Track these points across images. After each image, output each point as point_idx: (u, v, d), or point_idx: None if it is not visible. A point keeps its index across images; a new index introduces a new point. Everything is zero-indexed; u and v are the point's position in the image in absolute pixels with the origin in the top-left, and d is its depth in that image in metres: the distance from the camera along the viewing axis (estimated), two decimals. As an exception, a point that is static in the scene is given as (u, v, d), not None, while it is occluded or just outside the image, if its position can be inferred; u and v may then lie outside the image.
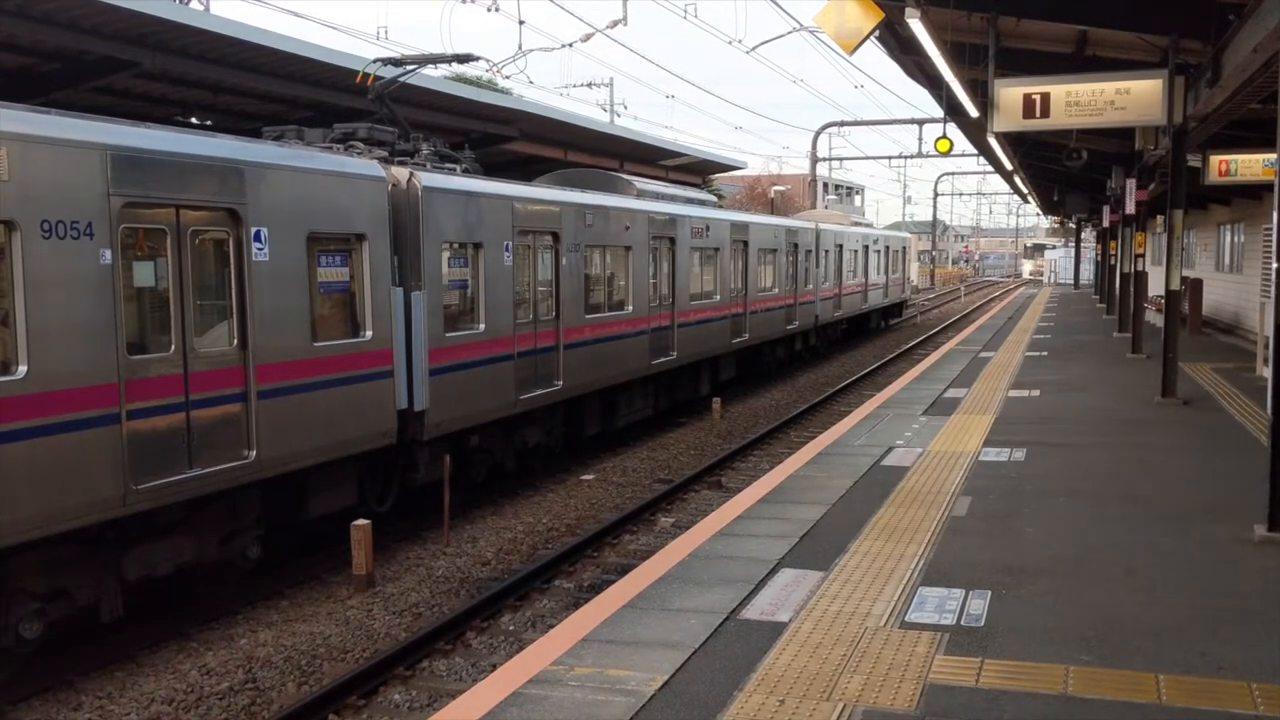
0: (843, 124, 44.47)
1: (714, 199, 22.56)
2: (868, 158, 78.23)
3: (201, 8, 15.15)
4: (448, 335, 10.91)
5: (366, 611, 8.89)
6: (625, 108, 55.02)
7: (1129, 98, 11.42)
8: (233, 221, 8.37)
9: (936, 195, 75.77)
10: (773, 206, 46.52)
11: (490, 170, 13.36)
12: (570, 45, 21.14)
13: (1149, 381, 13.72)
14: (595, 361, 14.23)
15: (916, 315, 43.44)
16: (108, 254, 7.30)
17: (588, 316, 13.98)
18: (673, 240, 16.93)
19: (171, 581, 8.60)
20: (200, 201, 8.05)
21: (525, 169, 19.42)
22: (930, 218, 79.62)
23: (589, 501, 12.75)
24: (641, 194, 16.74)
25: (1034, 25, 12.26)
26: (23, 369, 6.79)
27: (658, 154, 23.70)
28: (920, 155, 41.82)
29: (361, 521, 9.39)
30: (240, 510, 8.89)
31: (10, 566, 7.04)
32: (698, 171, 28.16)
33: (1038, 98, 11.60)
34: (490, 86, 23.53)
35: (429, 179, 10.73)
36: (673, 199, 18.17)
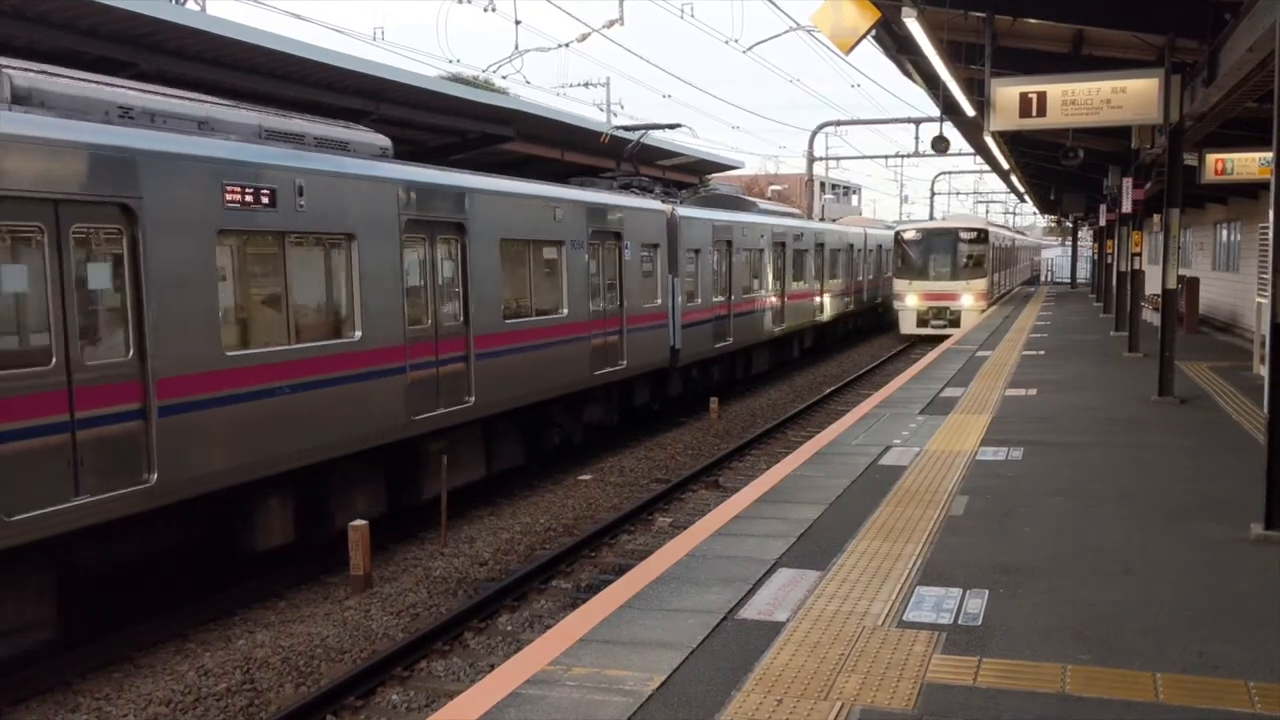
0: (839, 123, 44.25)
1: (798, 210, 30.96)
2: (865, 157, 78.07)
3: (198, 9, 15.13)
4: (687, 305, 17.98)
5: (364, 612, 8.89)
6: (622, 107, 55.00)
7: (1125, 97, 11.44)
8: (617, 239, 15.50)
9: (934, 194, 75.75)
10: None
11: (487, 169, 13.44)
12: (567, 45, 21.17)
13: (1146, 380, 13.73)
14: (747, 326, 21.36)
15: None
16: (494, 256, 12.55)
17: (743, 295, 20.99)
18: (783, 245, 23.90)
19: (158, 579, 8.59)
20: (612, 231, 15.25)
21: (522, 169, 19.39)
22: (927, 217, 79.47)
23: (587, 501, 12.76)
24: (763, 211, 24.17)
25: (1030, 24, 12.27)
26: (358, 334, 9.98)
27: (655, 153, 23.65)
28: (917, 154, 41.59)
29: (359, 522, 9.39)
30: (613, 399, 16.18)
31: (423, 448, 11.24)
32: (695, 171, 28.12)
33: (1034, 97, 11.61)
34: (487, 87, 23.51)
35: (682, 210, 18.08)
36: (778, 214, 25.83)
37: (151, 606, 8.40)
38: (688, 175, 27.49)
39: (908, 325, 30.97)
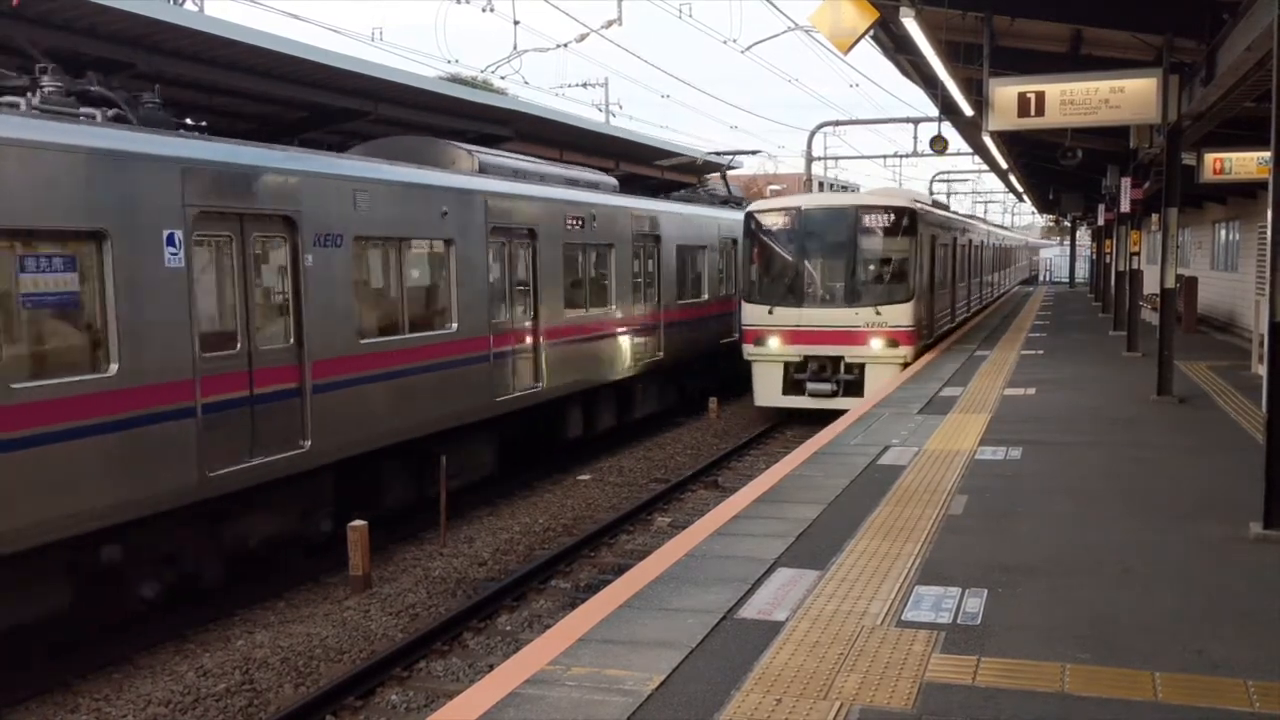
0: (838, 123, 44.03)
1: None
2: (863, 157, 77.73)
3: (195, 9, 15.10)
4: None
5: (363, 612, 8.89)
6: (620, 108, 55.01)
7: (1124, 96, 11.44)
8: (734, 244, 19.80)
9: (932, 195, 75.73)
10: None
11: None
12: (565, 45, 21.19)
13: (1144, 379, 13.73)
14: None
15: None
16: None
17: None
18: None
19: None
20: (731, 237, 19.86)
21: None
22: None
23: (586, 501, 12.76)
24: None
25: (1029, 24, 12.28)
26: (614, 307, 15.67)
27: (653, 154, 23.63)
28: (915, 154, 41.41)
29: (358, 523, 9.39)
30: (724, 362, 19.94)
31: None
32: (693, 171, 28.10)
33: (1032, 96, 11.62)
34: (486, 87, 23.51)
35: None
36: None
37: (149, 607, 8.38)
38: (686, 175, 27.46)
39: (766, 391, 17.34)
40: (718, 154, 24.15)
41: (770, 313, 17.10)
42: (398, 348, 10.70)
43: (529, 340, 13.25)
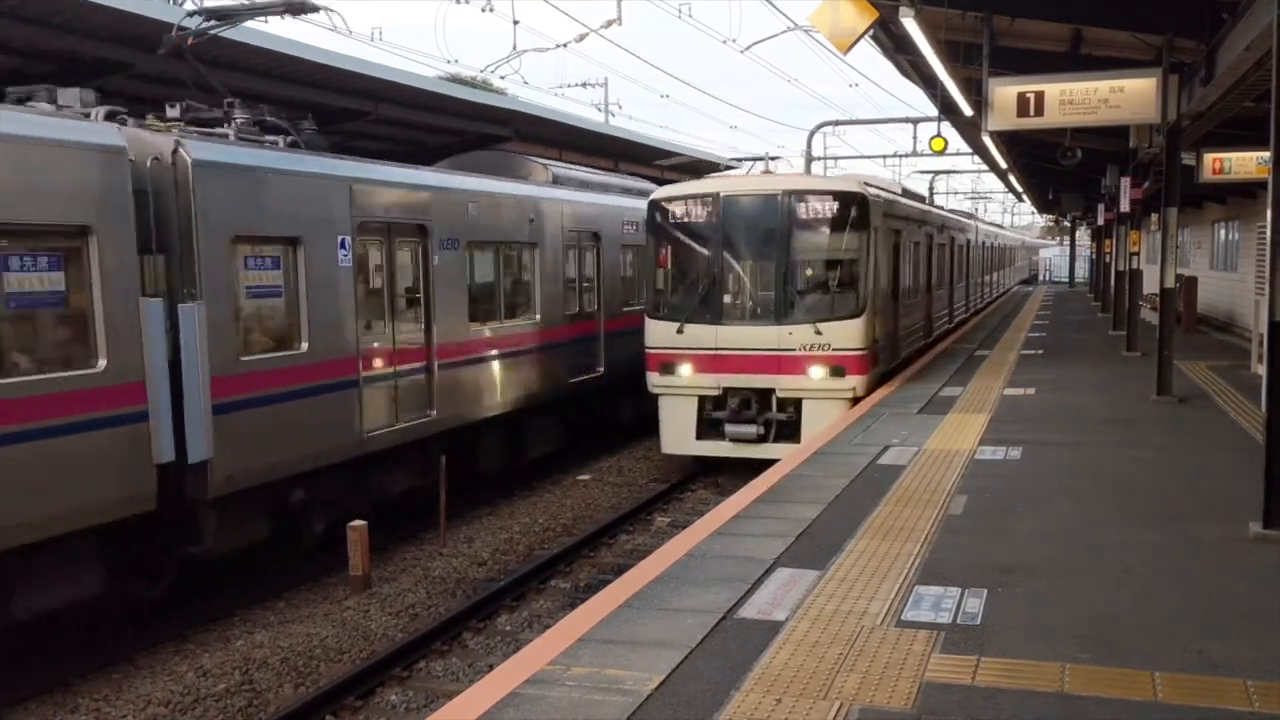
0: (837, 123, 43.86)
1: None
2: (862, 156, 77.27)
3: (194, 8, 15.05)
4: None
5: (363, 612, 8.89)
6: (620, 107, 54.92)
7: (1123, 96, 11.45)
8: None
9: (931, 194, 75.60)
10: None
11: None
12: (565, 46, 21.18)
13: (1144, 379, 13.73)
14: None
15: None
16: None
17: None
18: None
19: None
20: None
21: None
22: (925, 216, 78.81)
23: (585, 501, 12.76)
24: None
25: (1028, 24, 12.28)
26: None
27: (652, 153, 23.65)
28: (915, 154, 41.29)
29: (358, 523, 9.39)
30: None
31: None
32: (692, 171, 28.11)
33: (1032, 96, 11.62)
34: (485, 87, 23.52)
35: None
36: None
37: (149, 608, 8.37)
38: (685, 175, 27.47)
39: (675, 434, 13.45)
40: (738, 159, 25.61)
41: (679, 331, 13.15)
42: (496, 334, 12.61)
43: (594, 330, 15.33)
